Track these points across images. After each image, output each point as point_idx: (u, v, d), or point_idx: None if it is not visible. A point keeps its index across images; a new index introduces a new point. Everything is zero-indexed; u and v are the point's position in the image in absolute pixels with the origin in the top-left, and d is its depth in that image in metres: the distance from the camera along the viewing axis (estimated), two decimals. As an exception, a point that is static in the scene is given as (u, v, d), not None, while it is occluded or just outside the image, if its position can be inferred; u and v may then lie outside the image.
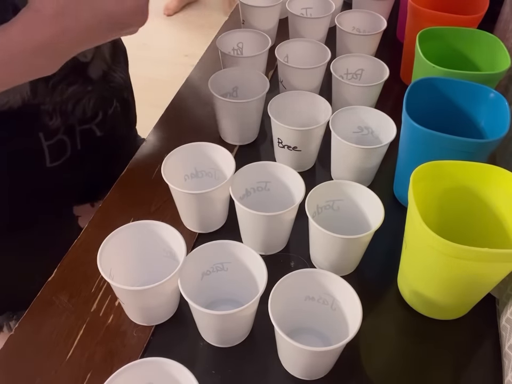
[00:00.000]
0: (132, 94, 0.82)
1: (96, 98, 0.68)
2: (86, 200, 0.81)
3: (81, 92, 0.66)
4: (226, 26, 0.98)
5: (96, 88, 0.68)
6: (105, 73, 0.69)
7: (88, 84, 0.66)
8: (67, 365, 0.48)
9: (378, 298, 0.54)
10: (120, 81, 0.73)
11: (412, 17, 0.77)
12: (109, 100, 0.72)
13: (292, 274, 0.45)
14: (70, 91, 0.64)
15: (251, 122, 0.70)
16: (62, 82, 0.62)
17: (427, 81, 0.60)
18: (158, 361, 0.39)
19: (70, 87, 0.64)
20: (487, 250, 0.41)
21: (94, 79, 0.67)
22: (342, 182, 0.55)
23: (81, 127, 0.69)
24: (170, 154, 0.57)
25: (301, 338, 0.48)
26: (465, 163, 0.50)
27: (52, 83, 0.61)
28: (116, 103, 0.74)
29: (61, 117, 0.65)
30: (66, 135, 0.67)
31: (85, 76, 0.65)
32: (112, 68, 0.71)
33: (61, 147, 0.67)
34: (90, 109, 0.68)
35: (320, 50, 0.76)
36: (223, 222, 0.61)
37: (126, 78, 0.76)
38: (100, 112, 0.71)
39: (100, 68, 0.68)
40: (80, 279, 0.55)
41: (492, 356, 0.49)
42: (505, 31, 0.79)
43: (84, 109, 0.67)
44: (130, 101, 0.82)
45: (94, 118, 0.70)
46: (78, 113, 0.67)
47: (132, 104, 0.83)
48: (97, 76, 0.67)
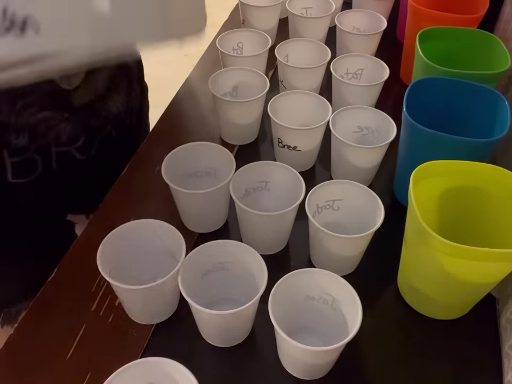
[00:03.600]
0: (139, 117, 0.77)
1: (75, 125, 0.62)
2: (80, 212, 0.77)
3: (55, 118, 0.60)
4: (226, 26, 0.98)
5: (75, 116, 0.61)
6: (92, 102, 0.63)
7: (65, 111, 0.60)
8: (67, 365, 0.48)
9: (378, 298, 0.54)
10: (114, 111, 0.67)
11: (411, 17, 0.77)
12: (98, 127, 0.66)
13: (291, 274, 0.45)
14: (42, 116, 0.58)
15: (251, 122, 0.70)
16: (33, 105, 0.57)
17: (427, 81, 0.60)
18: (158, 361, 0.39)
19: (41, 112, 0.58)
20: (487, 250, 0.41)
21: (75, 106, 0.61)
22: (342, 182, 0.55)
23: (58, 149, 0.63)
24: (170, 154, 0.57)
25: (301, 338, 0.48)
26: (465, 163, 0.50)
27: (22, 104, 0.56)
28: (110, 129, 0.69)
29: (29, 137, 0.59)
30: (38, 154, 0.62)
31: (64, 102, 0.60)
32: (107, 96, 0.65)
33: (30, 165, 0.62)
34: (66, 134, 0.62)
35: (320, 50, 0.76)
36: (223, 222, 0.61)
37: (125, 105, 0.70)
38: (81, 138, 0.64)
39: (86, 97, 0.62)
40: (80, 278, 0.55)
41: (492, 355, 0.49)
42: (505, 31, 0.79)
43: (58, 133, 0.61)
44: (135, 124, 0.76)
45: (74, 143, 0.64)
46: (51, 137, 0.61)
47: (136, 127, 0.78)
48: (80, 104, 0.61)
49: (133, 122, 0.75)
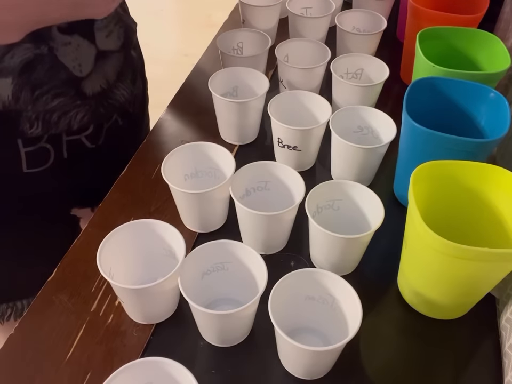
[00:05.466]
0: (141, 105, 0.79)
1: (85, 112, 0.65)
2: (86, 205, 0.79)
3: (68, 105, 0.63)
4: (226, 26, 0.98)
5: (87, 103, 0.64)
6: (103, 90, 0.66)
7: (78, 99, 0.63)
8: (67, 365, 0.48)
9: (378, 298, 0.54)
10: (120, 99, 0.70)
11: (411, 17, 0.77)
12: (105, 114, 0.69)
13: (291, 274, 0.45)
14: (56, 103, 0.61)
15: (251, 122, 0.70)
16: (49, 92, 0.60)
17: (427, 81, 0.60)
18: (158, 361, 0.39)
19: (56, 99, 0.61)
20: (487, 250, 0.41)
21: (87, 95, 0.64)
22: (342, 182, 0.55)
23: (69, 137, 0.66)
24: (170, 154, 0.57)
25: (301, 338, 0.48)
26: (465, 163, 0.50)
27: (39, 92, 0.59)
28: (117, 117, 0.71)
29: (42, 126, 0.62)
30: (50, 143, 0.65)
31: (77, 90, 0.62)
32: (115, 85, 0.68)
33: (43, 155, 0.65)
34: (77, 122, 0.65)
35: (320, 50, 0.76)
36: (223, 221, 0.61)
37: (131, 94, 0.72)
38: (90, 125, 0.67)
39: (98, 84, 0.64)
40: (80, 278, 0.55)
41: (492, 355, 0.49)
42: (505, 30, 0.79)
43: (70, 121, 0.64)
44: (138, 113, 0.79)
45: (84, 131, 0.67)
46: (63, 125, 0.64)
47: (139, 117, 0.80)
48: (92, 92, 0.64)
49: (136, 111, 0.77)
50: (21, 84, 0.57)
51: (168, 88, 0.97)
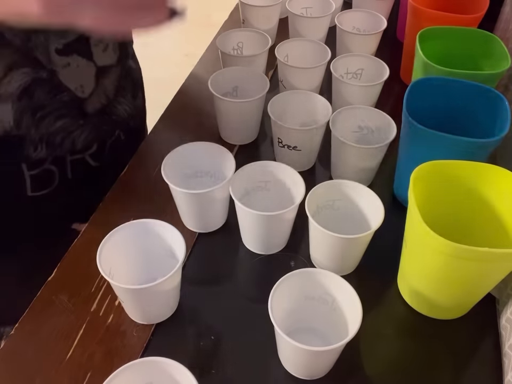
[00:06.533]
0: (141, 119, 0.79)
1: (89, 131, 0.64)
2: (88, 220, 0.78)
3: (71, 126, 0.62)
4: (226, 25, 0.98)
5: (89, 122, 0.64)
6: (104, 107, 0.65)
7: (81, 118, 0.63)
8: (67, 365, 0.48)
9: (378, 298, 0.54)
10: (123, 114, 0.69)
11: (412, 17, 0.77)
12: (108, 131, 0.68)
13: (291, 274, 0.45)
14: (59, 125, 0.61)
15: (251, 122, 0.70)
16: (52, 114, 0.59)
17: (427, 81, 0.60)
18: (158, 361, 0.39)
19: (58, 121, 0.60)
20: (487, 250, 0.41)
21: (89, 113, 0.63)
22: (342, 182, 0.55)
23: (73, 157, 0.65)
24: (170, 154, 0.57)
25: (301, 338, 0.48)
26: (465, 163, 0.50)
27: (40, 115, 0.59)
28: (119, 132, 0.71)
29: (46, 149, 0.61)
30: (55, 165, 0.64)
31: (79, 110, 0.62)
32: (115, 100, 0.67)
33: (47, 177, 0.64)
34: (81, 142, 0.64)
35: (320, 50, 0.76)
36: (223, 221, 0.61)
37: (133, 109, 0.72)
38: (94, 143, 0.67)
39: (99, 102, 0.64)
40: (80, 278, 0.55)
41: (492, 355, 0.49)
42: (505, 30, 0.79)
43: (74, 141, 0.64)
44: (139, 127, 0.78)
45: (87, 149, 0.66)
46: (67, 145, 0.63)
47: (139, 130, 0.79)
48: (94, 109, 0.64)
49: (137, 125, 0.76)
50: (21, 108, 0.57)
51: (168, 88, 0.97)
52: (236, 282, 0.56)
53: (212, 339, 0.50)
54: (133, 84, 0.71)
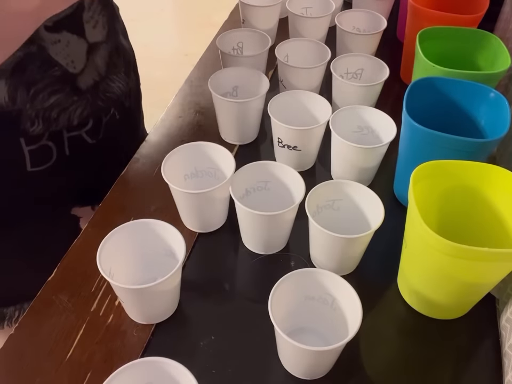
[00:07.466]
0: (136, 99, 0.80)
1: (84, 107, 0.66)
2: (86, 203, 0.79)
3: (65, 101, 0.63)
4: (226, 25, 0.98)
5: (84, 98, 0.65)
6: (96, 83, 0.66)
7: (75, 94, 0.64)
8: (67, 365, 0.48)
9: (378, 298, 0.54)
10: (117, 91, 0.70)
11: (412, 17, 0.77)
12: (103, 108, 0.70)
13: (291, 274, 0.45)
14: (53, 100, 0.62)
15: (251, 122, 0.70)
16: (45, 90, 0.60)
17: (427, 81, 0.60)
18: (158, 361, 0.39)
19: (52, 96, 0.61)
20: (487, 250, 0.41)
21: (82, 89, 0.64)
22: (342, 182, 0.55)
23: (70, 134, 0.67)
24: (170, 154, 0.57)
25: (301, 338, 0.48)
26: (465, 163, 0.50)
27: (34, 91, 0.59)
28: (114, 111, 0.72)
29: (43, 124, 0.63)
30: (52, 141, 0.65)
31: (72, 86, 0.63)
32: (107, 77, 0.68)
33: (45, 153, 0.66)
34: (76, 117, 0.66)
35: (320, 50, 0.76)
36: (223, 221, 0.61)
37: (126, 86, 0.73)
38: (90, 120, 0.68)
39: (91, 78, 0.65)
40: (80, 278, 0.55)
41: (492, 355, 0.49)
42: (505, 30, 0.79)
43: (70, 117, 0.65)
44: (134, 107, 0.79)
45: (83, 126, 0.68)
46: (63, 121, 0.64)
47: (135, 110, 0.81)
48: (86, 86, 0.65)
49: (131, 105, 0.77)
50: (14, 84, 0.58)
51: (168, 88, 0.97)
52: (235, 282, 0.56)
53: (212, 339, 0.50)
54: (125, 63, 0.73)
